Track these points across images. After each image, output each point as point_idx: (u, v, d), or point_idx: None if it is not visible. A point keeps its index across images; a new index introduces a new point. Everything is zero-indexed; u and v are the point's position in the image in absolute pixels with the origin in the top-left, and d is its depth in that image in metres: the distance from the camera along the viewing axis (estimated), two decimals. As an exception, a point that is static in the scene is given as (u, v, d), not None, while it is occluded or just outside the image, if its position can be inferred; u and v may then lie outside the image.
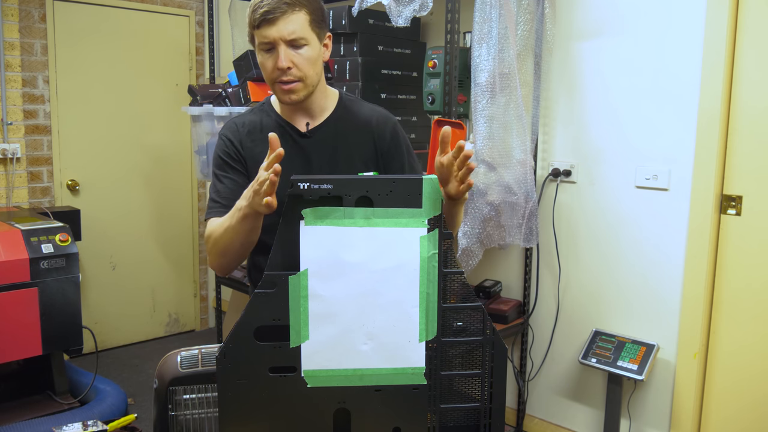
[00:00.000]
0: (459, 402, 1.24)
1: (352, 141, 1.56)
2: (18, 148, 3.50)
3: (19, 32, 3.48)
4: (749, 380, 2.34)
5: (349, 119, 1.58)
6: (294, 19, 1.40)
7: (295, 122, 1.55)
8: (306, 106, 1.53)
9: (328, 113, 1.56)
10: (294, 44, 1.41)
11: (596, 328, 2.64)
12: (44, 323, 2.75)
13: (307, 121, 1.55)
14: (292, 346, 1.17)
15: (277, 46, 1.41)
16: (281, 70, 1.42)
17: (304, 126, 1.55)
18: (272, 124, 1.55)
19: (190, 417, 1.37)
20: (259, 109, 1.61)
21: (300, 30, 1.41)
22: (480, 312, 1.22)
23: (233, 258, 1.45)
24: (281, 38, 1.40)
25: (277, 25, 1.39)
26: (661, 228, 2.47)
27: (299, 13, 1.40)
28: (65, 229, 2.87)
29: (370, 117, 1.58)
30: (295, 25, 1.40)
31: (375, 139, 1.57)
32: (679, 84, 2.39)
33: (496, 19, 2.37)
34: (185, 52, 4.19)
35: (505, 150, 2.50)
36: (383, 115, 1.60)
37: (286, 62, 1.41)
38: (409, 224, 1.18)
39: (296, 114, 1.55)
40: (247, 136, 1.55)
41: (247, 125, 1.56)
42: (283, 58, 1.41)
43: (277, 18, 1.38)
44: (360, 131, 1.57)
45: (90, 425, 2.44)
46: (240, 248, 1.42)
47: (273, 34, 1.39)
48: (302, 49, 1.42)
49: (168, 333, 4.31)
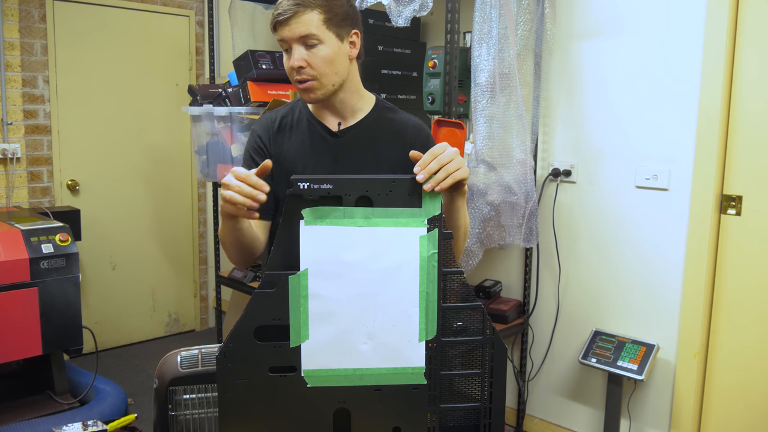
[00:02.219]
0: (459, 402, 1.24)
1: (384, 146, 1.56)
2: (18, 148, 3.51)
3: (19, 32, 3.48)
4: (749, 380, 2.34)
5: (383, 125, 1.58)
6: (305, 19, 1.43)
7: (326, 121, 1.57)
8: (336, 106, 1.55)
9: (362, 116, 1.57)
10: (307, 43, 1.45)
11: (596, 328, 2.64)
12: (44, 323, 2.75)
13: (339, 121, 1.56)
14: (292, 346, 1.17)
15: (291, 45, 1.46)
16: (294, 68, 1.46)
17: (335, 125, 1.56)
18: (304, 121, 1.57)
19: (190, 417, 1.37)
20: (294, 105, 1.63)
21: (312, 29, 1.44)
22: (480, 312, 1.22)
23: (236, 253, 1.48)
24: (293, 38, 1.44)
25: (290, 25, 1.43)
26: (661, 228, 2.47)
27: (311, 13, 1.44)
28: (65, 229, 2.87)
29: (405, 125, 1.60)
30: (306, 24, 1.43)
31: (407, 146, 1.58)
32: (679, 84, 2.39)
33: (496, 19, 2.37)
34: (185, 52, 4.19)
35: (505, 150, 2.50)
36: (418, 124, 1.62)
37: (297, 61, 1.45)
38: (408, 224, 1.18)
39: (326, 113, 1.57)
40: (278, 131, 1.57)
41: (279, 121, 1.59)
42: (295, 57, 1.45)
43: (289, 19, 1.43)
44: (393, 137, 1.57)
45: (90, 425, 2.44)
46: (235, 245, 1.44)
47: (286, 34, 1.44)
48: (316, 48, 1.45)
49: (168, 333, 4.31)
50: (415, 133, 1.59)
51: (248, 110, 3.00)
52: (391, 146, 1.56)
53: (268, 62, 3.02)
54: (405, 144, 1.58)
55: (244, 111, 3.00)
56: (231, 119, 3.08)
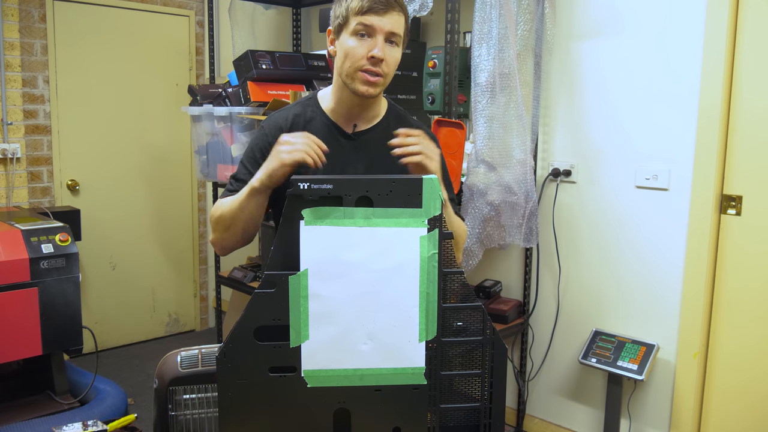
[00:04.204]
0: (459, 402, 1.24)
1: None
2: (18, 148, 3.51)
3: (19, 32, 3.48)
4: (749, 380, 2.34)
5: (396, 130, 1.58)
6: (399, 19, 1.46)
7: (342, 123, 1.55)
8: (359, 108, 1.54)
9: (377, 120, 1.58)
10: (392, 40, 1.46)
11: (596, 328, 2.64)
12: (44, 323, 2.75)
13: (355, 123, 1.55)
14: (292, 346, 1.17)
15: (375, 35, 1.44)
16: (374, 59, 1.44)
17: (349, 127, 1.55)
18: (318, 121, 1.55)
19: (190, 417, 1.37)
20: (306, 103, 1.60)
21: (400, 29, 1.47)
22: (480, 312, 1.22)
23: (235, 234, 1.47)
24: (385, 29, 1.44)
25: (387, 17, 1.43)
26: (661, 228, 2.47)
27: (402, 16, 1.47)
28: (65, 229, 2.87)
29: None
30: (399, 23, 1.46)
31: None
32: (679, 84, 2.39)
33: (496, 19, 2.37)
34: (185, 52, 4.19)
35: (505, 150, 2.50)
36: (429, 134, 1.62)
37: (382, 53, 1.43)
38: (409, 224, 1.18)
39: (342, 114, 1.55)
40: (291, 130, 1.54)
41: (291, 119, 1.56)
42: (380, 47, 1.44)
43: (387, 11, 1.43)
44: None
45: (90, 425, 2.44)
46: (244, 224, 1.44)
47: (380, 23, 1.43)
48: (394, 49, 1.47)
49: (168, 333, 4.31)
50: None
51: (248, 110, 3.00)
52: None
53: (268, 62, 3.01)
54: None
55: (244, 111, 3.00)
56: (231, 119, 3.08)
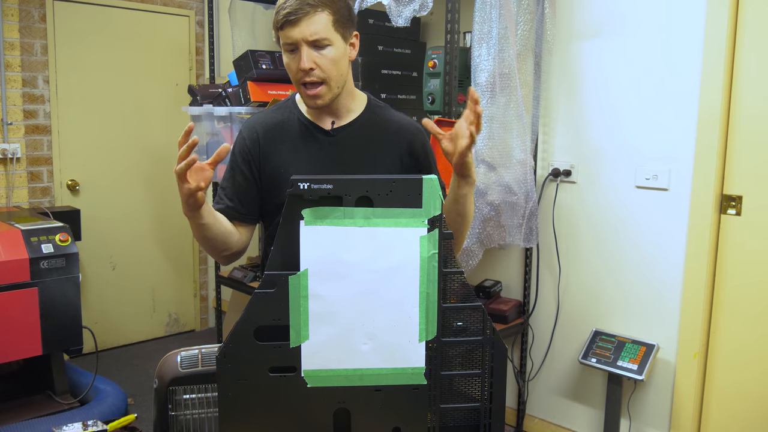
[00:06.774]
0: (459, 402, 1.23)
1: (379, 146, 1.55)
2: (18, 148, 3.51)
3: (19, 32, 3.48)
4: (749, 380, 2.34)
5: (378, 124, 1.57)
6: (316, 20, 1.39)
7: (320, 122, 1.54)
8: (332, 107, 1.52)
9: (355, 115, 1.56)
10: (317, 45, 1.41)
11: (596, 328, 2.64)
12: (44, 323, 2.75)
13: (333, 120, 1.54)
14: (292, 346, 1.17)
15: (299, 47, 1.41)
16: (304, 71, 1.42)
17: (328, 125, 1.54)
18: (295, 122, 1.55)
19: (190, 417, 1.36)
20: (284, 106, 1.60)
21: (323, 31, 1.40)
22: (480, 312, 1.22)
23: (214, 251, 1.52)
24: (303, 39, 1.40)
25: (300, 26, 1.39)
26: (661, 228, 2.47)
27: (322, 14, 1.40)
28: (65, 229, 2.86)
29: (402, 125, 1.58)
30: (317, 25, 1.39)
31: (405, 147, 1.57)
32: (679, 84, 2.39)
33: (496, 19, 2.37)
34: (185, 52, 4.19)
35: (505, 150, 2.50)
36: (416, 126, 1.60)
37: (308, 63, 1.41)
38: (409, 224, 1.18)
39: (322, 114, 1.54)
40: (264, 135, 1.54)
41: (267, 124, 1.55)
42: (306, 59, 1.40)
43: (299, 19, 1.38)
44: (389, 137, 1.56)
45: (90, 425, 2.43)
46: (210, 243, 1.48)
47: (295, 35, 1.40)
48: (325, 50, 1.42)
49: (168, 333, 4.31)
50: (414, 135, 1.59)
51: (248, 110, 3.00)
52: (387, 147, 1.56)
53: (268, 62, 3.01)
54: (403, 145, 1.57)
55: (244, 111, 3.00)
56: (231, 119, 3.08)
